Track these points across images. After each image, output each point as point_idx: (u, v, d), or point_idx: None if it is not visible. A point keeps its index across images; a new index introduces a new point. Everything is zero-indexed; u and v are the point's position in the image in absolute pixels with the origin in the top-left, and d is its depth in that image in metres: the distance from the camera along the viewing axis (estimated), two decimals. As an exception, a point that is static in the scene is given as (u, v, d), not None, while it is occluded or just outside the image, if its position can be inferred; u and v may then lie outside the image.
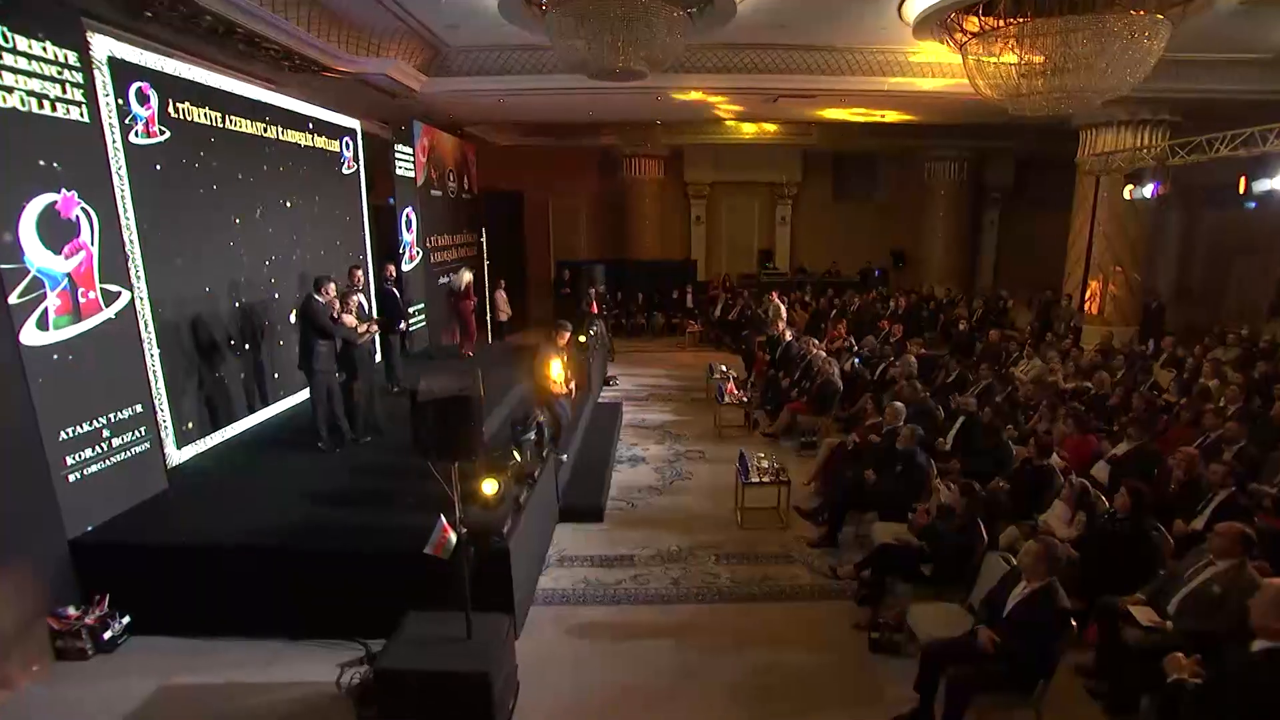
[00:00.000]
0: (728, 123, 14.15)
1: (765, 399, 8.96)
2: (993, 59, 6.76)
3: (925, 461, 5.16)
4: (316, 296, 5.70)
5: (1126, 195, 9.19)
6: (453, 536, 3.25)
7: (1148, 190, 8.51)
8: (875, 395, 7.06)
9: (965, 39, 6.78)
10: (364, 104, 9.44)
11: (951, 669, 3.36)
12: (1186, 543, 4.47)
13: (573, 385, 6.21)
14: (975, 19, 6.72)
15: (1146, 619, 3.69)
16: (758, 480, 5.69)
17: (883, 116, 11.42)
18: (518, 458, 4.61)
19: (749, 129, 14.65)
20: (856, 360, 8.54)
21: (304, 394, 6.34)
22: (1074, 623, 3.29)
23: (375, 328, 6.12)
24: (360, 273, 6.28)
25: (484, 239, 13.15)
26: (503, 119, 12.39)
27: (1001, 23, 6.76)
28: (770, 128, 14.48)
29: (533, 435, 5.05)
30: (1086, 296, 10.80)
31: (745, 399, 8.27)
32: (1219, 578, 3.57)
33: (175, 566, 4.31)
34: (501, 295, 12.84)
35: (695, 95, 10.01)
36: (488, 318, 12.80)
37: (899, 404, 5.92)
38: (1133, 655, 3.62)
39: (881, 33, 7.98)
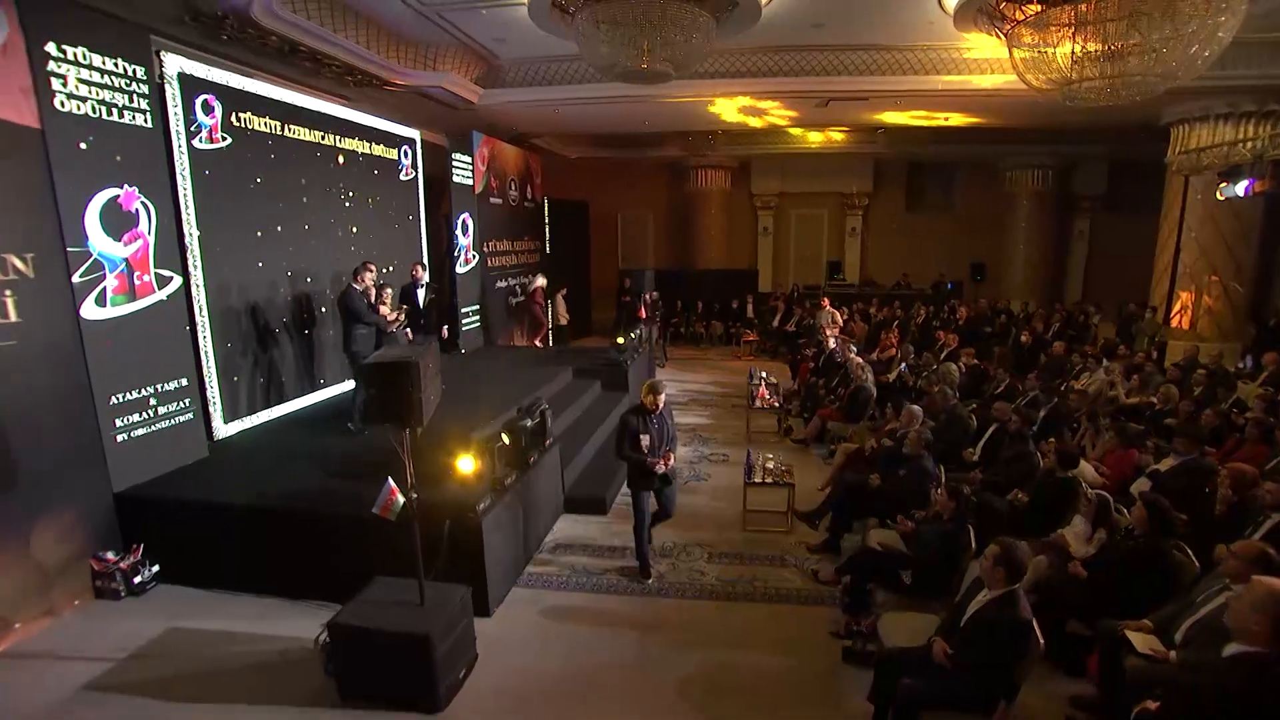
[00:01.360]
0: (793, 131, 13.96)
1: (804, 406, 8.72)
2: (1047, 49, 6.33)
3: (932, 467, 4.86)
4: (354, 284, 6.15)
5: (1218, 195, 8.27)
6: (399, 498, 3.42)
7: (1240, 187, 7.61)
8: (897, 402, 6.70)
9: (1009, 27, 6.38)
10: (429, 116, 10.09)
11: (904, 681, 3.15)
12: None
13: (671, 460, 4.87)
14: (1021, 6, 6.31)
15: (1146, 647, 3.31)
16: (760, 480, 5.55)
17: (946, 120, 10.89)
18: (505, 440, 4.74)
19: (815, 138, 14.37)
20: (903, 367, 8.16)
21: (349, 383, 6.79)
22: (1040, 638, 3.00)
23: (403, 316, 6.48)
24: (372, 265, 6.65)
25: (546, 246, 13.67)
26: (565, 130, 12.80)
27: (1056, 8, 6.33)
28: (838, 136, 14.14)
29: (529, 423, 5.18)
30: (1176, 309, 9.76)
31: (777, 404, 8.08)
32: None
33: (201, 525, 4.75)
34: (561, 300, 13.20)
35: (744, 100, 9.98)
36: (548, 321, 13.20)
37: (915, 408, 5.61)
38: (1130, 687, 3.26)
39: (930, 28, 7.66)
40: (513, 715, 3.52)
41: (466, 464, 4.26)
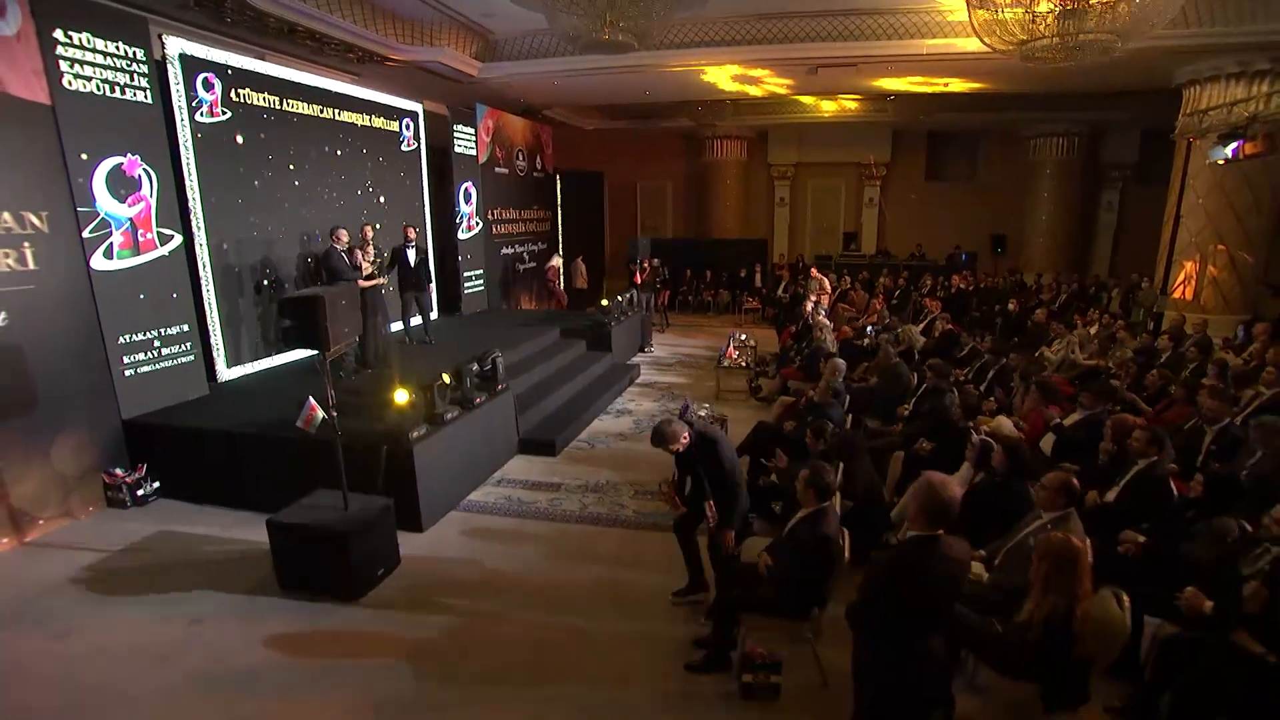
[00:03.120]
0: (805, 100, 13.91)
1: (778, 368, 9.00)
2: (1006, 10, 6.32)
3: (837, 415, 5.17)
4: (334, 244, 6.80)
5: (1214, 160, 7.97)
6: (319, 414, 4.00)
7: (1229, 149, 7.35)
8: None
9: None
10: (437, 91, 10.66)
11: (732, 591, 3.56)
12: (1095, 515, 4.21)
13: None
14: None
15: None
16: (692, 428, 5.95)
17: (946, 85, 10.71)
18: (446, 380, 5.30)
19: (829, 107, 14.27)
20: (869, 330, 8.37)
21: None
22: (846, 553, 3.35)
23: (378, 270, 7.06)
24: (369, 229, 7.28)
25: (558, 215, 14.16)
26: (568, 101, 13.16)
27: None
28: (851, 105, 14.01)
29: (475, 367, 5.73)
30: (1179, 280, 9.47)
31: (744, 364, 8.41)
32: (1039, 531, 3.42)
33: (195, 449, 5.51)
34: (580, 265, 13.64)
35: (735, 68, 10.12)
36: (561, 285, 13.65)
37: (838, 361, 5.90)
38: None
39: (902, -10, 7.68)
40: (416, 606, 4.11)
41: (401, 395, 4.84)
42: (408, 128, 9.55)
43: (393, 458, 4.83)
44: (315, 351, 3.89)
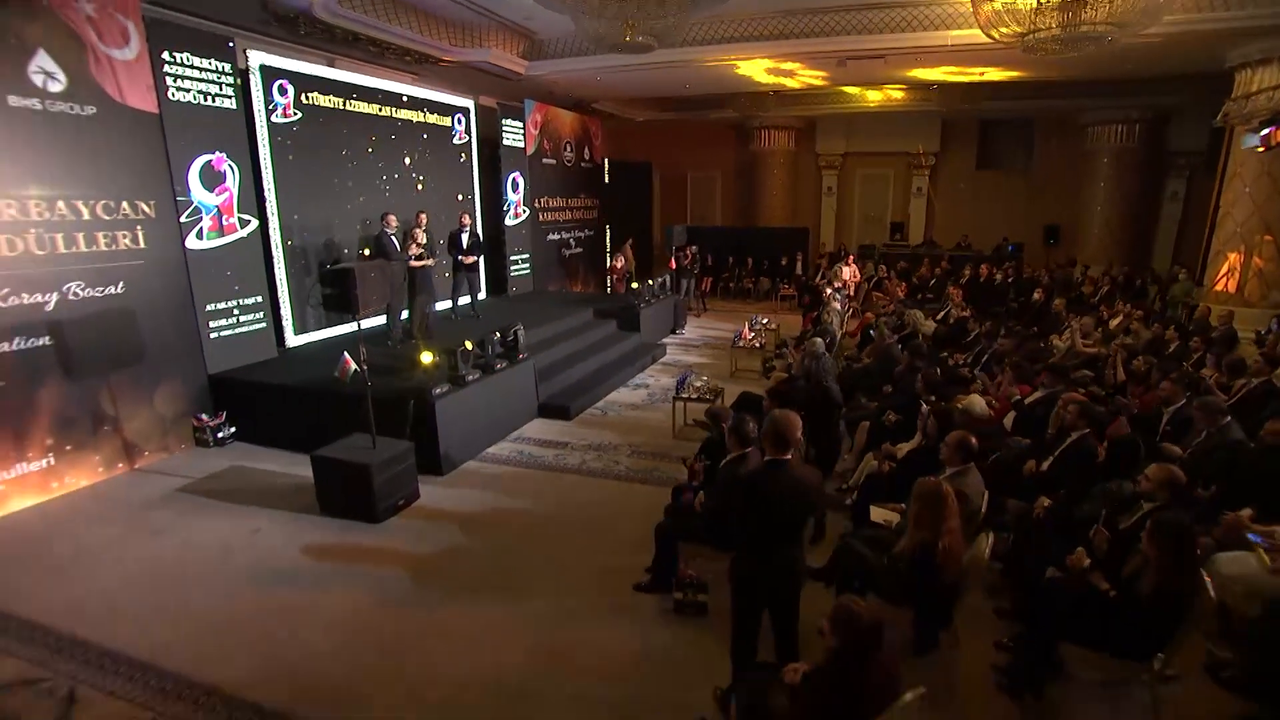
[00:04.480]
0: (850, 91, 14.02)
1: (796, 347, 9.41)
2: (1009, 3, 6.50)
3: (804, 386, 5.65)
4: (385, 228, 7.75)
5: (1255, 148, 7.78)
6: (353, 366, 4.86)
7: (1259, 136, 7.18)
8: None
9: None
10: (493, 88, 11.55)
11: (670, 521, 4.19)
12: (1034, 480, 4.56)
13: None
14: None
15: (880, 518, 4.09)
16: (688, 396, 6.55)
17: (981, 74, 10.66)
18: (468, 346, 6.10)
19: (875, 96, 14.28)
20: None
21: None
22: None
23: (426, 256, 7.94)
24: (424, 215, 8.19)
25: (606, 204, 14.86)
26: (613, 94, 13.78)
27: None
28: (896, 94, 13.98)
29: (497, 337, 6.52)
30: (1223, 271, 9.18)
31: (758, 345, 8.88)
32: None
33: (264, 401, 6.58)
34: (629, 249, 14.24)
35: (768, 62, 10.47)
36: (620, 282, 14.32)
37: (817, 339, 6.32)
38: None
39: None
40: (425, 531, 4.94)
41: (426, 357, 5.68)
42: (459, 122, 10.46)
43: (418, 410, 5.69)
44: (351, 315, 4.72)
